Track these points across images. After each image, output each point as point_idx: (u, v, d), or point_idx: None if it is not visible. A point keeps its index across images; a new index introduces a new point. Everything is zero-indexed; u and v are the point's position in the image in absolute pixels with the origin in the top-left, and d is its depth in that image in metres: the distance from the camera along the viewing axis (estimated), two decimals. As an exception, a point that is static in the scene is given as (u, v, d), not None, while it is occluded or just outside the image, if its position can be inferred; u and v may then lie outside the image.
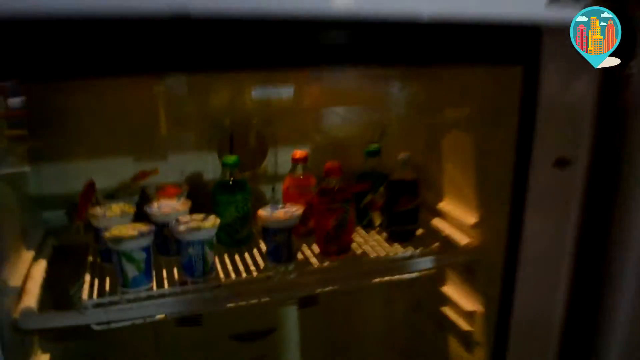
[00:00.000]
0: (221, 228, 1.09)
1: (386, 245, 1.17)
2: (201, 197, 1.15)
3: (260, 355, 1.42)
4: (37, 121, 1.11)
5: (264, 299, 1.04)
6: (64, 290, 1.09)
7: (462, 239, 1.18)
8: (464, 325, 1.24)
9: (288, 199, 1.16)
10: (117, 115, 1.17)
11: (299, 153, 1.17)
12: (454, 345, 1.31)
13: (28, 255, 1.06)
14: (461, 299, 1.25)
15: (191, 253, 1.00)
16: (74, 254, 1.12)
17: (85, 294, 0.96)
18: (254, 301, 1.04)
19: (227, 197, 1.12)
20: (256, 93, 1.26)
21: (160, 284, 1.01)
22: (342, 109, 1.33)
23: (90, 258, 1.10)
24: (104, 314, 0.94)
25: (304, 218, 1.14)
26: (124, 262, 0.96)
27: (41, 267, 1.06)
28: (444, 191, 1.30)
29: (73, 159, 1.18)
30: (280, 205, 1.08)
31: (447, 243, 1.19)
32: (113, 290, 0.98)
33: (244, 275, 1.05)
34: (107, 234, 0.97)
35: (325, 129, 1.34)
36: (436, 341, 1.37)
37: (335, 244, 1.10)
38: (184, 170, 1.24)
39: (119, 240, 0.95)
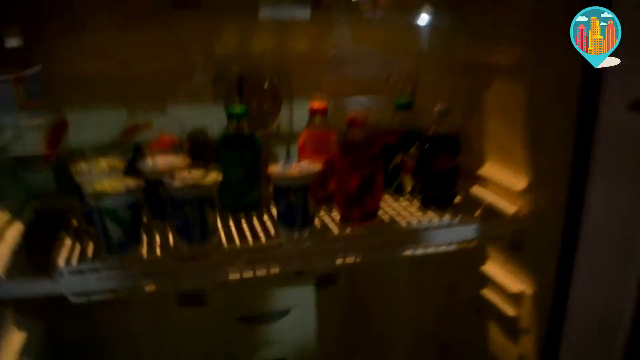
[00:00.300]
0: (226, 189, 0.95)
1: (419, 212, 1.00)
2: (205, 157, 0.98)
3: (272, 340, 1.25)
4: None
5: (274, 270, 0.87)
6: (45, 258, 0.94)
7: (508, 207, 1.01)
8: (508, 309, 1.08)
9: (305, 156, 1.00)
10: (107, 59, 1.01)
11: (318, 103, 1.00)
12: (495, 333, 1.15)
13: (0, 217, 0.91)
14: (505, 280, 1.09)
15: (188, 214, 0.84)
16: (60, 218, 0.98)
17: (61, 260, 0.82)
18: (262, 273, 0.87)
19: (233, 153, 0.96)
20: (270, 35, 1.09)
21: (152, 252, 0.86)
22: (367, 55, 1.15)
23: (74, 221, 0.95)
24: (81, 282, 0.79)
25: (322, 179, 0.98)
26: (107, 221, 0.81)
27: (16, 231, 0.92)
28: (485, 154, 1.13)
29: (59, 112, 1.02)
30: (295, 162, 0.92)
31: (491, 212, 1.02)
32: (96, 257, 0.84)
33: (250, 242, 0.88)
34: (88, 189, 0.81)
35: (347, 80, 1.16)
36: (474, 329, 1.21)
37: (359, 208, 0.93)
38: (184, 125, 1.08)
39: (101, 195, 0.80)
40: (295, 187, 0.88)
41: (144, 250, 0.86)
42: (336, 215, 0.98)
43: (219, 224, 0.93)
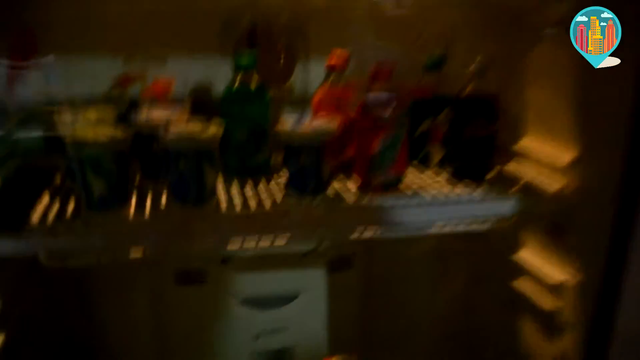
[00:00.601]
0: (230, 150, 0.85)
1: (448, 185, 0.88)
2: (208, 117, 0.87)
3: (278, 327, 1.14)
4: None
5: (279, 242, 0.76)
6: (19, 217, 0.84)
7: (550, 184, 0.88)
8: (546, 303, 0.95)
9: (320, 116, 0.87)
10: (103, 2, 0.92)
11: (338, 55, 0.88)
12: (530, 330, 1.02)
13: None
14: (543, 269, 0.96)
15: (183, 169, 0.73)
16: (44, 177, 0.88)
17: (35, 217, 0.71)
18: (266, 244, 0.76)
19: (239, 108, 0.85)
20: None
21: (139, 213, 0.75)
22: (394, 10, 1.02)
23: (57, 178, 0.85)
24: (55, 241, 0.68)
25: (339, 144, 0.86)
26: (89, 173, 0.71)
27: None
28: (524, 125, 1.00)
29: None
30: (309, 119, 0.80)
31: (530, 190, 0.89)
32: (76, 215, 0.73)
33: (254, 207, 0.77)
34: (67, 136, 0.71)
35: (371, 37, 1.04)
36: (503, 324, 1.09)
37: (381, 174, 0.81)
38: (187, 80, 0.97)
39: (82, 143, 0.70)
40: (307, 147, 0.77)
41: (132, 211, 0.75)
42: (353, 184, 0.86)
43: (221, 189, 0.82)
